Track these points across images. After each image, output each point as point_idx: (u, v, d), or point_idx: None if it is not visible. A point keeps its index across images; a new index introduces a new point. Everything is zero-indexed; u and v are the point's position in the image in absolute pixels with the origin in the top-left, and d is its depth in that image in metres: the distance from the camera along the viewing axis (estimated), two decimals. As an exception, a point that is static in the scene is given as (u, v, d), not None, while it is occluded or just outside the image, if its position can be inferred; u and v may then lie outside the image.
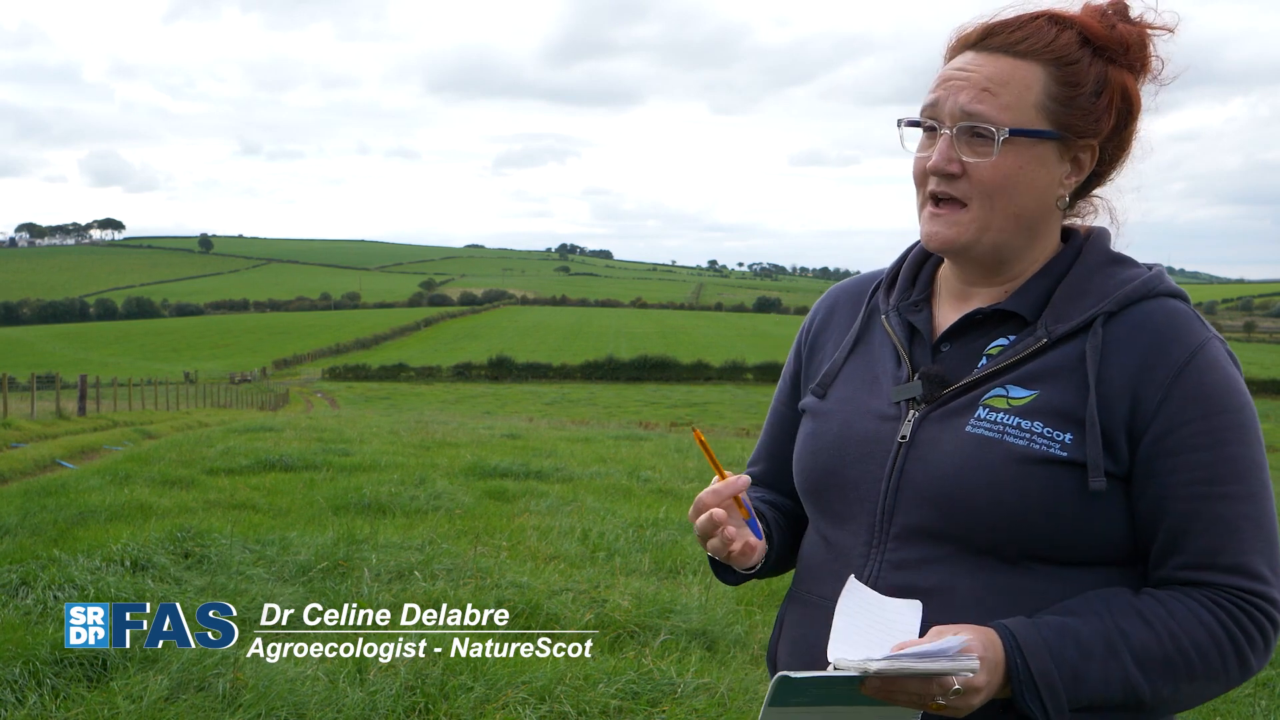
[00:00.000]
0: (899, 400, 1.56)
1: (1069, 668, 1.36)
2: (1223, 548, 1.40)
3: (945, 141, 1.48)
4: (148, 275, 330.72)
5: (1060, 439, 1.43)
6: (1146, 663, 1.37)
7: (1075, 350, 1.47)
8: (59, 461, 15.00)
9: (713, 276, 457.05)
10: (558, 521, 8.47)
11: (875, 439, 1.56)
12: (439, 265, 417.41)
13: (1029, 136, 1.46)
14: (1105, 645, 1.37)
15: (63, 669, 4.42)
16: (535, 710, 4.19)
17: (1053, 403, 1.45)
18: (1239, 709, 4.56)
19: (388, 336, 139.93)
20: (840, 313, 1.76)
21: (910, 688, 1.30)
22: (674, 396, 71.36)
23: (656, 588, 6.05)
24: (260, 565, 6.41)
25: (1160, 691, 1.38)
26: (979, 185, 1.47)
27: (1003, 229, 1.50)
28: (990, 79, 1.47)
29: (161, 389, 43.85)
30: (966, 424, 1.48)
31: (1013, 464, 1.43)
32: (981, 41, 1.51)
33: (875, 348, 1.65)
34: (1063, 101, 1.47)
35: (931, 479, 1.48)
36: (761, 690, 4.47)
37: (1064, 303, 1.51)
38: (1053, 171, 1.50)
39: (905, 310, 1.64)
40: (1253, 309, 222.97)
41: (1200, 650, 1.38)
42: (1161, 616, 1.39)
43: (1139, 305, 1.48)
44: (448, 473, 11.66)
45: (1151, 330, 1.45)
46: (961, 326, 1.57)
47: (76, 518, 8.36)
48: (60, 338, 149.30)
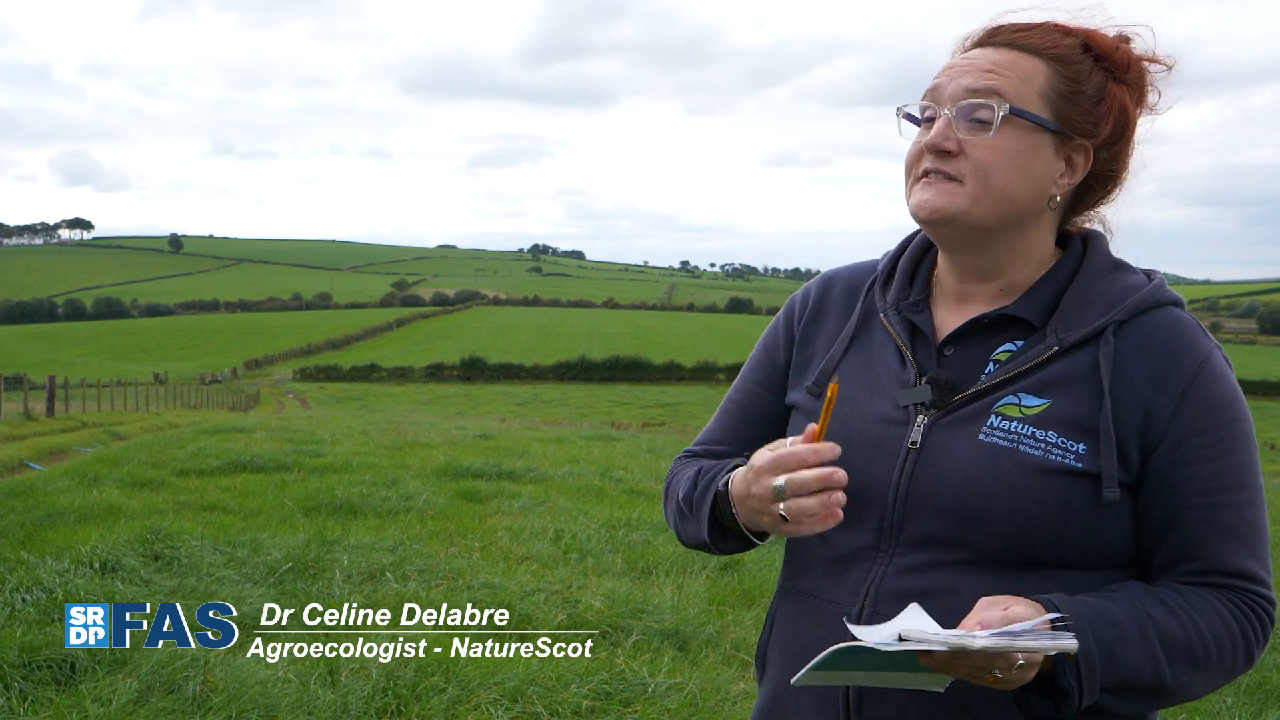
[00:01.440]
0: (906, 404, 1.55)
1: (1106, 646, 1.37)
2: (1231, 553, 1.45)
3: (944, 120, 1.49)
4: (117, 275, 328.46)
5: (1075, 449, 1.43)
6: (1171, 648, 1.39)
7: (1086, 359, 1.47)
8: (27, 463, 14.86)
9: (685, 277, 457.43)
10: (530, 522, 8.47)
11: (880, 443, 1.54)
12: (411, 265, 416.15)
13: (1028, 120, 1.47)
14: (1138, 628, 1.38)
15: (30, 672, 4.39)
16: (507, 711, 4.19)
17: (1066, 413, 1.45)
18: (1206, 705, 4.60)
19: (359, 337, 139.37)
20: (833, 306, 1.72)
21: (976, 660, 1.30)
22: (646, 397, 71.42)
23: (629, 588, 6.06)
24: (231, 567, 6.38)
25: (1180, 677, 1.40)
26: (974, 163, 1.47)
27: (993, 210, 1.49)
28: (995, 63, 1.50)
29: (131, 390, 43.51)
30: (979, 432, 1.48)
31: (1028, 474, 1.43)
32: (989, 39, 1.54)
33: (875, 347, 1.63)
34: (1064, 96, 1.49)
35: (945, 487, 1.48)
36: (733, 690, 4.49)
37: (1073, 309, 1.51)
38: (1048, 165, 1.50)
39: (906, 310, 1.62)
40: (1219, 310, 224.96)
41: (1217, 641, 1.41)
42: (1183, 605, 1.42)
43: (1148, 315, 1.49)
44: (420, 473, 11.62)
45: (1161, 341, 1.47)
46: (967, 330, 1.57)
47: (45, 520, 8.29)
48: (28, 338, 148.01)
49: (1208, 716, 4.52)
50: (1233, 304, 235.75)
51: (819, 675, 1.37)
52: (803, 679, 1.37)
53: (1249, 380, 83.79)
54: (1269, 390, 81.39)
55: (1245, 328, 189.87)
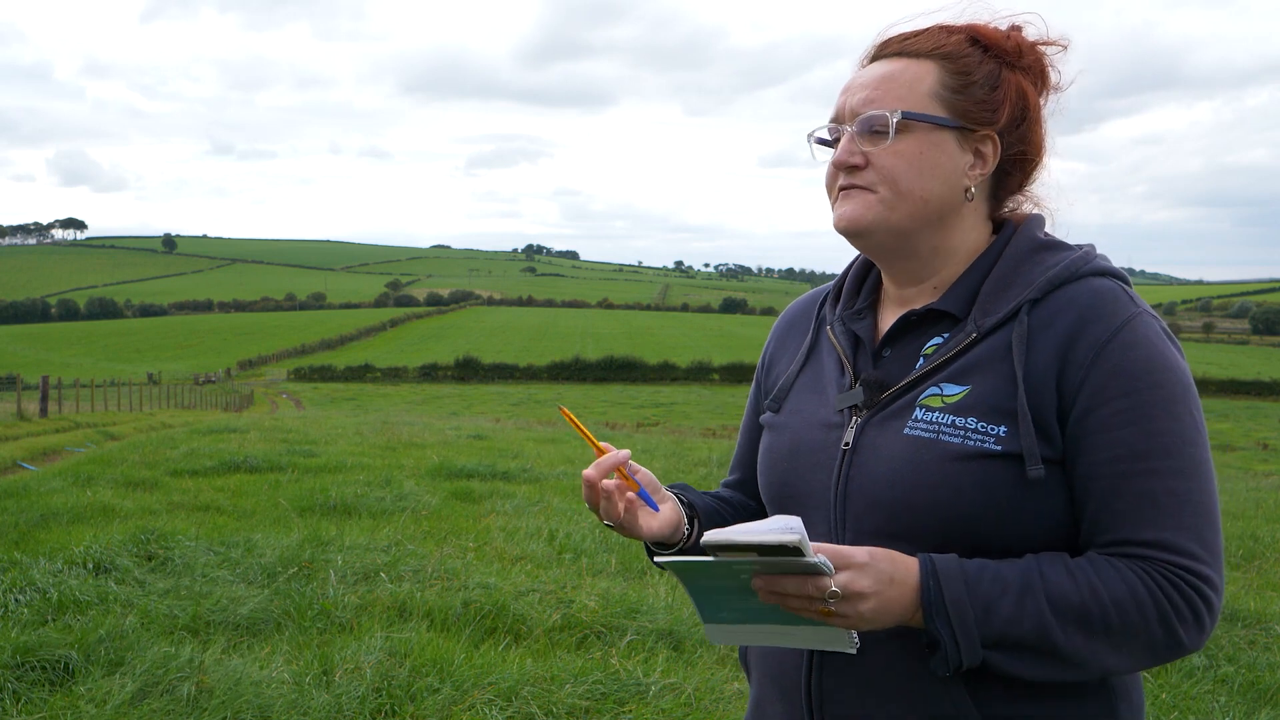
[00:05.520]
0: (842, 408, 1.60)
1: (982, 598, 1.37)
2: (1146, 522, 1.40)
3: (847, 137, 1.54)
4: (111, 275, 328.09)
5: (994, 433, 1.44)
6: (1061, 607, 1.37)
7: (1002, 341, 1.49)
8: (20, 463, 14.84)
9: (679, 277, 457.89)
10: (524, 522, 8.47)
11: (823, 447, 1.59)
12: (405, 266, 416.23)
13: (922, 121, 1.51)
14: (1022, 583, 1.38)
15: (24, 672, 4.39)
16: (502, 711, 4.19)
17: (985, 397, 1.46)
18: (1199, 705, 4.61)
19: (354, 337, 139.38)
20: (795, 328, 1.80)
21: (788, 588, 1.32)
22: (640, 397, 71.43)
23: (623, 588, 6.07)
24: (225, 567, 6.37)
25: (1073, 639, 1.37)
26: (881, 171, 1.52)
27: (908, 212, 1.52)
28: (882, 76, 1.55)
29: (125, 390, 43.49)
30: (905, 426, 1.51)
31: (949, 463, 1.45)
32: (879, 53, 1.60)
33: (823, 359, 1.69)
34: (955, 90, 1.53)
35: (873, 484, 1.51)
36: (727, 690, 4.50)
37: (991, 295, 1.53)
38: (955, 159, 1.53)
39: (848, 319, 1.67)
40: (1211, 310, 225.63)
41: (1119, 606, 1.37)
42: (1084, 569, 1.40)
43: (1064, 288, 1.49)
44: (414, 474, 11.63)
45: (1074, 311, 1.46)
46: (899, 330, 1.60)
47: (38, 520, 8.29)
48: (21, 338, 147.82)
49: (1200, 715, 4.54)
50: (1226, 304, 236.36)
51: (717, 630, 1.44)
52: (708, 633, 1.44)
53: (1241, 380, 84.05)
54: (1261, 390, 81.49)
55: (1238, 328, 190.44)
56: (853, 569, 1.33)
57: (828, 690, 1.54)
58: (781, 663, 1.61)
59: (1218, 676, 4.96)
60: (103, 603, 5.45)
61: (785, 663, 1.61)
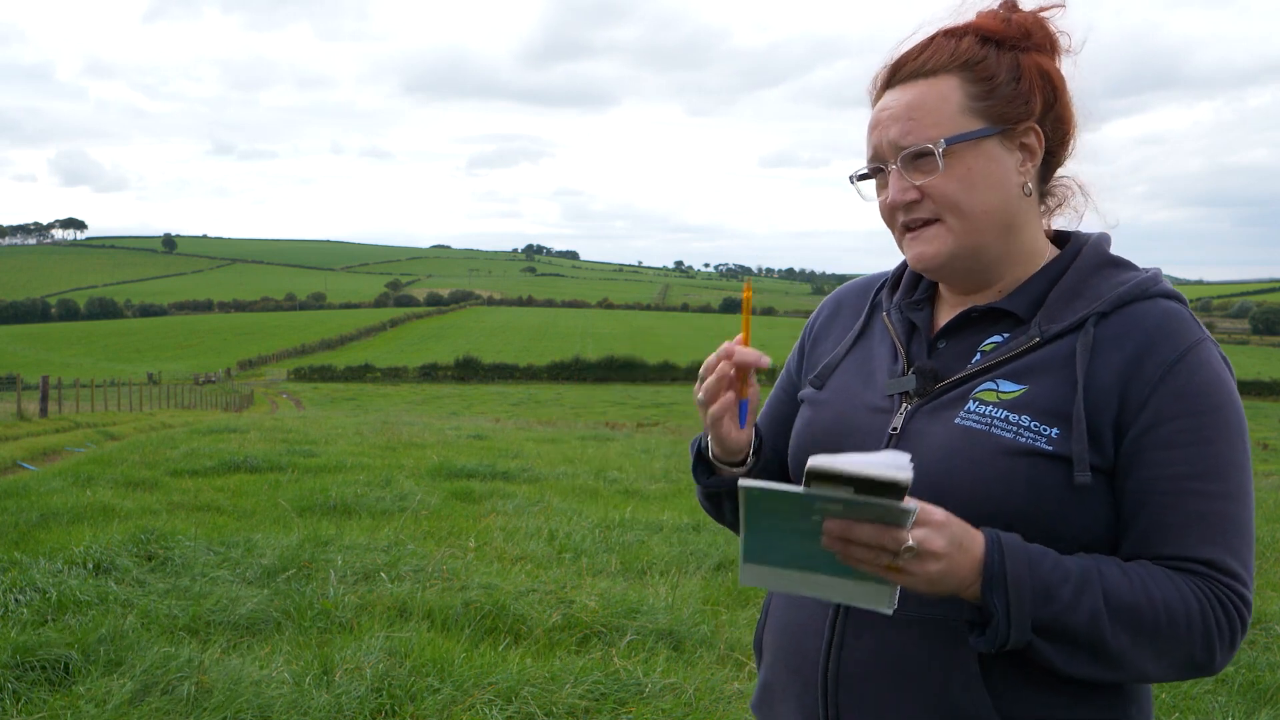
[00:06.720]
0: (892, 393, 1.60)
1: (1042, 580, 1.37)
2: (1198, 541, 1.42)
3: (895, 176, 1.54)
4: (110, 275, 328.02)
5: (1046, 433, 1.45)
6: (1115, 604, 1.38)
7: (1066, 348, 1.50)
8: (20, 463, 14.83)
9: (679, 277, 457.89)
10: (524, 522, 8.47)
11: (868, 430, 1.60)
12: (405, 266, 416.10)
13: (966, 140, 1.51)
14: (1082, 574, 1.38)
15: (24, 672, 4.38)
16: (502, 711, 4.18)
17: (1040, 398, 1.47)
18: (1199, 705, 4.61)
19: (354, 337, 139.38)
20: (845, 310, 1.81)
21: (864, 535, 1.28)
22: (641, 397, 71.41)
23: (623, 588, 6.06)
24: (225, 567, 6.37)
25: (1120, 638, 1.38)
26: (940, 200, 1.52)
27: (981, 231, 1.53)
28: (910, 105, 1.53)
29: (125, 390, 43.47)
30: (956, 416, 1.52)
31: (999, 455, 1.45)
32: (893, 78, 1.58)
33: (875, 343, 1.70)
34: (984, 97, 1.52)
35: (919, 470, 1.47)
36: (728, 690, 4.49)
37: (1058, 303, 1.54)
38: (1005, 163, 1.53)
39: (907, 308, 1.68)
40: (1212, 310, 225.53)
41: (1169, 610, 1.38)
42: (1140, 572, 1.41)
43: (1132, 306, 1.51)
44: (414, 474, 11.63)
45: (1142, 330, 1.48)
46: (958, 324, 1.61)
47: (38, 520, 8.29)
48: (21, 338, 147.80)
49: (1201, 715, 4.54)
50: (1226, 304, 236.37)
51: (755, 571, 1.37)
52: (743, 574, 1.39)
53: (1242, 380, 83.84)
54: (1262, 390, 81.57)
55: (1238, 328, 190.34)
56: (931, 526, 1.32)
57: (845, 677, 1.53)
58: (801, 645, 1.60)
59: (1217, 677, 4.96)
60: (102, 603, 5.45)
61: (805, 644, 1.60)
